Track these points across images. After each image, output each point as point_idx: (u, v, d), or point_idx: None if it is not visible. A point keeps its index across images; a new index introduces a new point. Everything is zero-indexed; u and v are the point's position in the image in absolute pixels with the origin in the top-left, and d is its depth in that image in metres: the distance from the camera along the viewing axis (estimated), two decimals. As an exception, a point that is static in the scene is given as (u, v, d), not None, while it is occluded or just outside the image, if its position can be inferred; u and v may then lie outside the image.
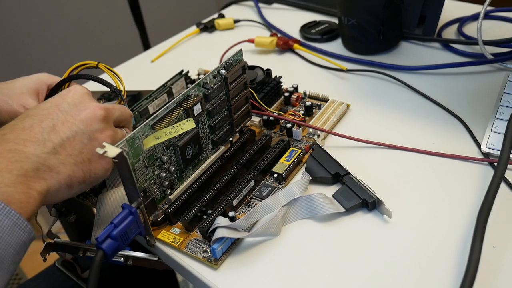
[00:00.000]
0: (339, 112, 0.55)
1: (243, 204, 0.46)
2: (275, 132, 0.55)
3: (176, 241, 0.43)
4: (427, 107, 0.56)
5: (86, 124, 0.38)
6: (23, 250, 0.33)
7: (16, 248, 0.32)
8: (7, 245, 0.32)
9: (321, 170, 0.47)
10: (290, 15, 0.85)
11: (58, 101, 0.39)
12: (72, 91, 0.40)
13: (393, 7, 0.63)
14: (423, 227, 0.42)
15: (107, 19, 1.54)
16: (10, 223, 0.32)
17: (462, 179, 0.46)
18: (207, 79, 0.46)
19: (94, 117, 0.39)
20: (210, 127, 0.48)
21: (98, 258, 0.35)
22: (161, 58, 0.76)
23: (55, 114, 0.38)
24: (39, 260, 0.46)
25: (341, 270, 0.39)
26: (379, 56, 0.68)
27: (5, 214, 0.31)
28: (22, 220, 0.32)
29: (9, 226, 0.32)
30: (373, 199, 0.43)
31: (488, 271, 0.37)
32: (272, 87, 0.58)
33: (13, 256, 0.32)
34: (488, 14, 0.73)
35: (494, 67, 0.61)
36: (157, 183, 0.44)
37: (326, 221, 0.43)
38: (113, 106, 0.42)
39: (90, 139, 0.38)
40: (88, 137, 0.38)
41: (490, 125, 0.50)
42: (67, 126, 0.37)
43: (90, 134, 0.38)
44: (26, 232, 0.33)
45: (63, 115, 0.38)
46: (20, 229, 0.32)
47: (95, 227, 0.44)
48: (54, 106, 0.38)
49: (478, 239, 0.37)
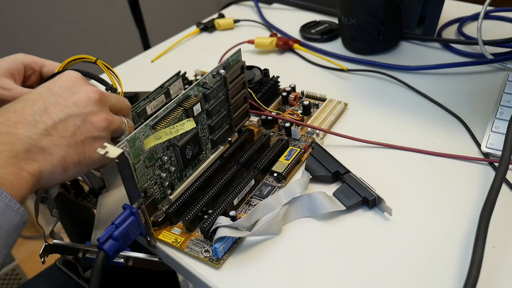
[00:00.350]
0: (337, 111, 0.56)
1: (243, 204, 0.46)
2: (273, 131, 0.55)
3: (177, 241, 0.43)
4: (427, 107, 0.56)
5: (79, 106, 0.38)
6: (15, 232, 0.33)
7: (8, 230, 0.32)
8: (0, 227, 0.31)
9: (321, 169, 0.47)
10: (290, 15, 0.85)
11: (50, 85, 0.39)
12: (65, 76, 0.40)
13: (393, 7, 0.63)
14: (423, 226, 0.42)
15: (107, 19, 1.54)
16: (1, 205, 0.31)
17: (462, 179, 0.46)
18: (206, 79, 0.46)
19: (88, 99, 0.38)
20: (210, 127, 0.48)
21: (100, 259, 0.35)
22: (161, 58, 0.76)
23: (47, 97, 0.37)
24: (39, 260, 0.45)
25: (343, 267, 0.39)
26: (379, 56, 0.68)
27: None
28: (14, 202, 0.32)
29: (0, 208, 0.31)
30: (373, 197, 0.43)
31: (489, 271, 0.37)
32: (270, 87, 0.58)
33: (5, 239, 0.32)
34: (488, 14, 0.73)
35: (494, 67, 0.62)
36: (158, 183, 0.44)
37: (327, 220, 0.44)
38: (110, 94, 0.41)
39: (83, 121, 0.38)
40: (82, 119, 0.38)
41: (490, 125, 0.50)
42: (60, 108, 0.37)
43: (83, 116, 0.38)
44: (19, 214, 0.32)
45: (55, 98, 0.37)
46: (12, 211, 0.32)
47: (95, 228, 0.44)
48: (46, 89, 0.38)
49: (481, 239, 0.37)
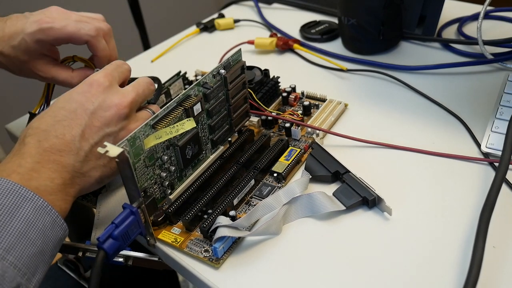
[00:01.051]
0: (337, 111, 0.56)
1: (243, 204, 0.46)
2: (273, 131, 0.55)
3: (177, 241, 0.43)
4: (427, 107, 0.56)
5: (111, 126, 0.41)
6: (58, 245, 0.37)
7: (54, 243, 0.36)
8: (49, 240, 0.36)
9: (321, 169, 0.47)
10: (290, 15, 0.85)
11: (83, 99, 0.41)
12: (95, 86, 0.41)
13: (393, 7, 0.63)
14: (423, 225, 0.42)
15: (107, 19, 1.54)
16: (50, 220, 0.36)
17: (462, 179, 0.46)
18: (206, 79, 0.46)
19: (119, 117, 0.41)
20: (210, 127, 0.48)
21: (100, 258, 0.35)
22: (161, 58, 0.76)
23: (82, 118, 0.40)
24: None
25: (342, 267, 0.39)
26: (379, 56, 0.68)
27: (47, 212, 0.36)
28: (60, 218, 0.37)
29: (50, 223, 0.36)
30: (373, 196, 0.43)
31: (489, 271, 0.37)
32: (270, 87, 0.58)
33: (52, 250, 0.36)
34: (488, 14, 0.73)
35: (494, 67, 0.62)
36: (158, 183, 0.44)
37: (326, 219, 0.44)
38: (137, 93, 0.43)
39: (115, 138, 0.41)
40: (114, 137, 0.41)
41: (490, 125, 0.50)
42: (94, 131, 0.40)
43: (115, 134, 0.41)
44: (62, 229, 0.37)
45: (89, 119, 0.40)
46: (58, 226, 0.37)
47: (95, 228, 0.44)
48: (80, 107, 0.40)
49: (481, 239, 0.37)
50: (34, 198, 0.35)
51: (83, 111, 0.40)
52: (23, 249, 0.34)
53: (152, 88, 0.45)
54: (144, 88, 0.44)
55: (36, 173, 0.37)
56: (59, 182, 0.38)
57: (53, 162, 0.38)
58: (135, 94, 0.43)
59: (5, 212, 0.34)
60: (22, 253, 0.33)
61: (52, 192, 0.37)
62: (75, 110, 0.40)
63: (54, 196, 0.37)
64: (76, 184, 0.39)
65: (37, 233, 0.35)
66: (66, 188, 0.38)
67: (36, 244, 0.34)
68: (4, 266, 0.32)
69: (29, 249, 0.34)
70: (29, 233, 0.34)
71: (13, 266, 0.33)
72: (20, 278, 0.33)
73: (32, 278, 0.34)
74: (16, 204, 0.35)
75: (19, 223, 0.34)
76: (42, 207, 0.36)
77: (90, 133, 0.40)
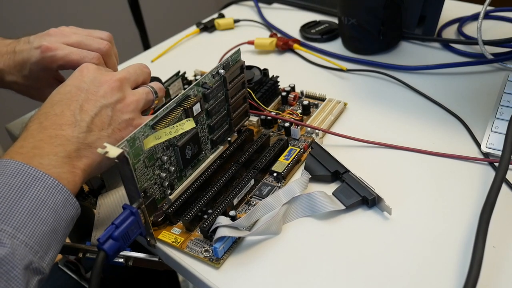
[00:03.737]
0: (336, 111, 0.56)
1: (243, 203, 0.46)
2: (273, 131, 0.55)
3: (177, 241, 0.43)
4: (427, 107, 0.56)
5: (107, 97, 0.42)
6: (71, 224, 0.38)
7: (67, 221, 0.37)
8: (61, 218, 0.36)
9: (321, 168, 0.47)
10: (290, 15, 0.85)
11: (75, 82, 0.43)
12: (85, 70, 0.44)
13: (393, 7, 0.63)
14: (423, 225, 0.42)
15: (107, 19, 1.54)
16: (62, 199, 0.36)
17: (462, 179, 0.46)
18: (206, 79, 0.46)
19: (112, 89, 0.42)
20: (209, 127, 0.48)
21: (100, 259, 0.35)
22: (161, 58, 0.76)
23: (77, 95, 0.41)
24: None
25: (343, 267, 0.39)
26: (379, 56, 0.68)
27: (58, 190, 0.36)
28: (72, 197, 0.37)
29: (61, 202, 0.36)
30: (373, 196, 0.43)
31: (489, 271, 0.37)
32: (269, 87, 0.58)
33: (64, 228, 0.36)
34: (488, 14, 0.73)
35: (494, 67, 0.62)
36: (157, 183, 0.44)
37: (326, 219, 0.44)
38: (127, 71, 0.45)
39: (113, 110, 0.42)
40: (112, 108, 0.42)
41: (490, 125, 0.50)
42: (92, 103, 0.41)
43: (112, 106, 0.42)
44: (75, 207, 0.38)
45: (85, 95, 0.41)
46: (70, 205, 0.37)
47: (95, 228, 0.44)
48: (74, 88, 0.42)
49: (481, 239, 0.37)
50: (44, 177, 0.36)
51: (78, 90, 0.42)
52: (34, 227, 0.34)
53: (145, 70, 0.47)
54: (135, 68, 0.46)
55: (38, 149, 0.37)
56: (63, 155, 0.38)
57: (55, 137, 0.38)
58: (125, 72, 0.45)
59: (14, 192, 0.34)
60: (33, 232, 0.34)
61: (56, 166, 0.37)
62: (70, 91, 0.42)
63: (59, 169, 0.37)
64: (84, 156, 0.39)
65: (49, 211, 0.35)
66: (72, 161, 0.38)
67: (48, 222, 0.35)
68: (14, 244, 0.32)
69: (40, 227, 0.34)
70: (40, 212, 0.35)
71: (24, 244, 0.33)
72: (32, 256, 0.33)
73: (45, 256, 0.34)
74: (25, 183, 0.35)
75: (29, 202, 0.34)
76: (53, 185, 0.36)
77: (88, 106, 0.41)
